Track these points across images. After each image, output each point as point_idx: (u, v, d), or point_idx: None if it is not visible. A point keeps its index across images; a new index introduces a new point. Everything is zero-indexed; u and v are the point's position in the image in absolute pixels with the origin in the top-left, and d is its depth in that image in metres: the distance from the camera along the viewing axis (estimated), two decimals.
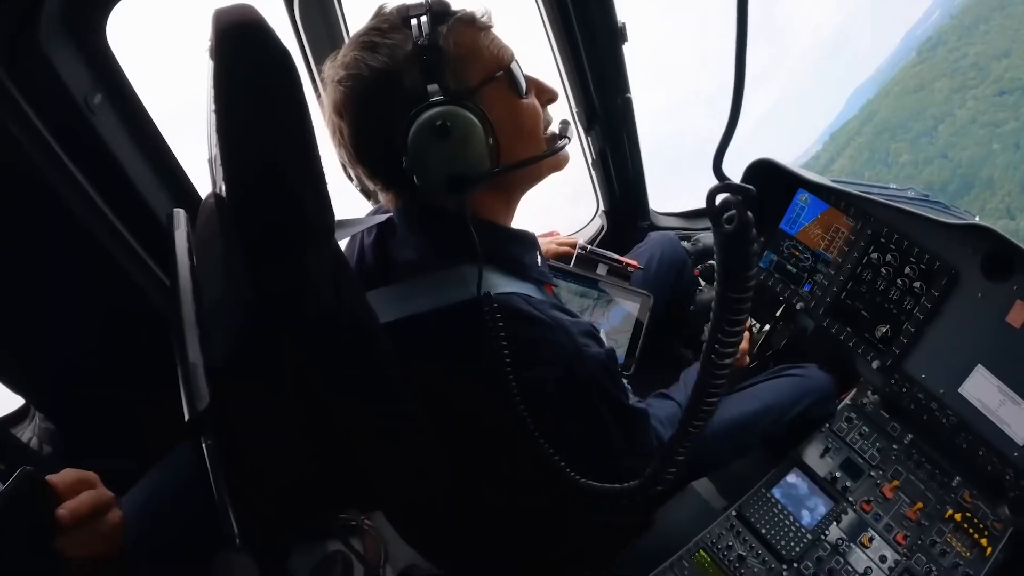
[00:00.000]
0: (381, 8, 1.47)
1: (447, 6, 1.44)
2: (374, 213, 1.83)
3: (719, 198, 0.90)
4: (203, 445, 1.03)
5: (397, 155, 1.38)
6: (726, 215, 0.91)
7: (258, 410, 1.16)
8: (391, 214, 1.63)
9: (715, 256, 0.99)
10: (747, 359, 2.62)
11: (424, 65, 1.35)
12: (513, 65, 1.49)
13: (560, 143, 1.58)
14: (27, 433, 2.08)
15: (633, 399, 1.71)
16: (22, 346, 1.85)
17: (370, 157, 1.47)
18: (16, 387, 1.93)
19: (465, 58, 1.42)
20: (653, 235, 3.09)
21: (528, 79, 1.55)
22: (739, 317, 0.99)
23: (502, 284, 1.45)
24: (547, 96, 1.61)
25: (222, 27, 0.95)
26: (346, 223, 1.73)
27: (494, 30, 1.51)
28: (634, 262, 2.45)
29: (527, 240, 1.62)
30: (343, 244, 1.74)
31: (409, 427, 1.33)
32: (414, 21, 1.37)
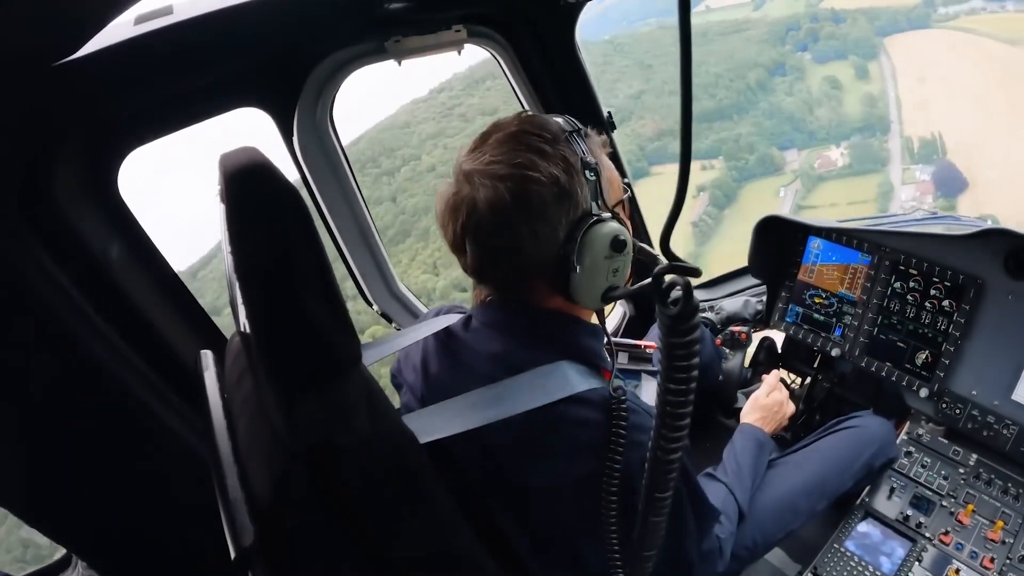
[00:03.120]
0: (531, 116, 1.54)
1: (586, 127, 1.57)
2: (426, 319, 1.85)
3: (666, 279, 1.00)
4: None
5: (556, 261, 1.45)
6: (671, 297, 1.02)
7: (305, 542, 1.15)
8: (447, 321, 1.69)
9: (659, 337, 1.09)
10: (790, 412, 2.54)
11: (589, 182, 1.46)
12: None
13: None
14: None
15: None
16: (59, 497, 1.86)
17: (523, 257, 1.48)
18: (56, 537, 1.95)
19: (610, 179, 1.55)
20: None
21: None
22: (683, 399, 1.11)
23: (582, 379, 1.49)
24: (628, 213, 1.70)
25: (229, 171, 0.98)
26: (397, 336, 1.76)
27: None
28: (652, 343, 2.50)
29: (598, 332, 1.66)
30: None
31: (460, 549, 1.33)
32: (574, 138, 1.48)
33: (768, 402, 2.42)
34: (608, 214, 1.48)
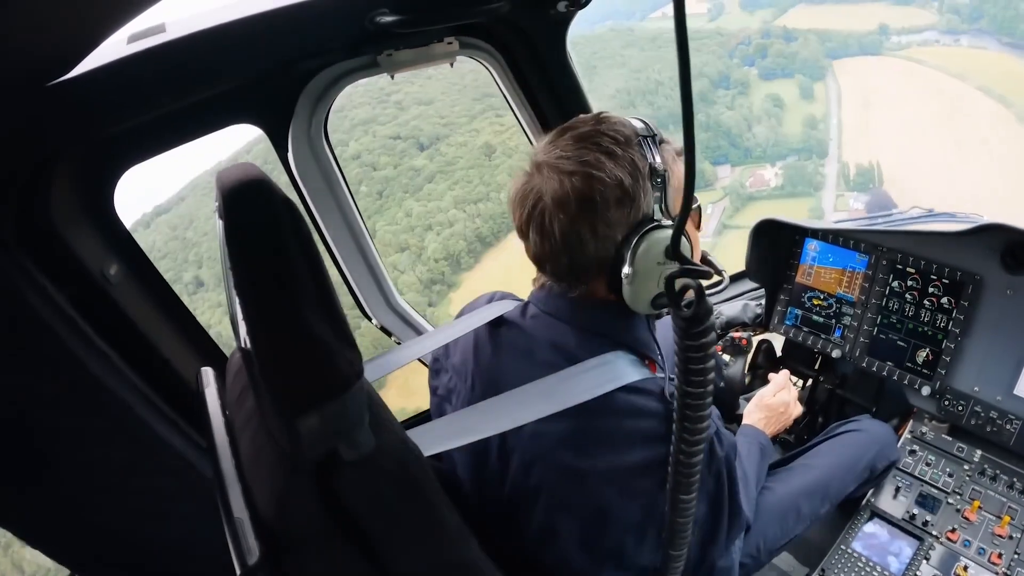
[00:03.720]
0: (609, 116, 1.56)
1: (661, 134, 1.57)
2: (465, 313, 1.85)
3: (678, 283, 1.03)
4: None
5: (612, 261, 1.48)
6: (684, 301, 1.04)
7: (311, 560, 1.15)
8: (500, 308, 1.71)
9: (675, 341, 1.12)
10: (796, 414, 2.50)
11: (655, 187, 1.47)
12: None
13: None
14: None
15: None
16: (61, 517, 1.86)
17: (581, 253, 1.50)
18: (59, 557, 1.94)
19: (678, 188, 1.54)
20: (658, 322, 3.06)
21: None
22: (701, 402, 1.15)
23: (636, 369, 1.52)
24: (697, 224, 1.72)
25: (227, 187, 0.99)
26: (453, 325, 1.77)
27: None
28: None
29: (649, 323, 1.68)
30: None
31: (468, 559, 1.33)
32: (647, 144, 1.49)
33: (774, 402, 2.40)
34: (668, 221, 1.48)
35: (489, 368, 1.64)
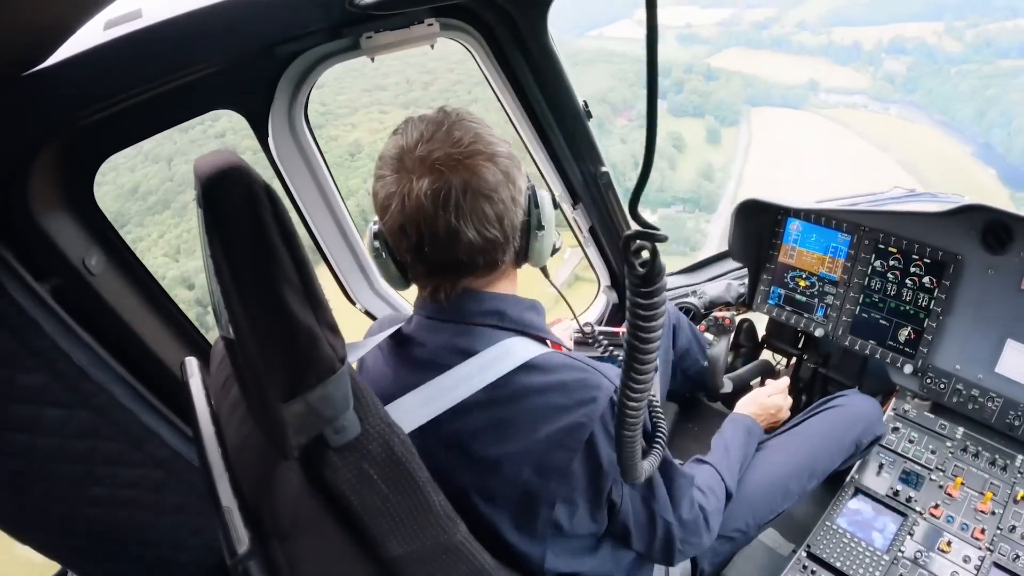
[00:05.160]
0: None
1: None
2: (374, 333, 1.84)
3: (636, 243, 1.07)
4: None
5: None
6: (640, 260, 1.08)
7: (301, 545, 1.16)
8: (391, 326, 1.72)
9: (628, 298, 1.17)
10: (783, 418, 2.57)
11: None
12: None
13: None
14: None
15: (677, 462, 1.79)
16: (49, 511, 1.85)
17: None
18: (48, 552, 1.93)
19: None
20: None
21: None
22: (648, 347, 1.20)
23: (533, 347, 1.55)
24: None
25: (205, 175, 0.98)
26: (360, 344, 1.74)
27: None
28: None
29: (538, 307, 1.71)
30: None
31: (456, 542, 1.33)
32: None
33: (768, 402, 2.44)
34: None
35: (398, 384, 1.60)
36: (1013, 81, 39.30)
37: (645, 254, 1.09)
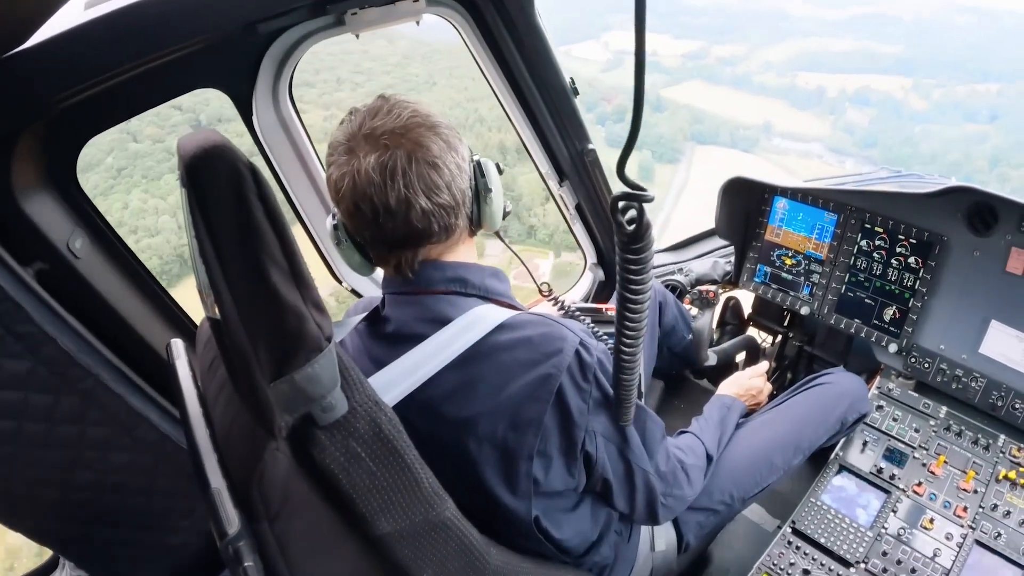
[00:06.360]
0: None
1: None
2: (352, 314, 1.89)
3: (621, 204, 1.18)
4: (241, 568, 1.04)
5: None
6: (627, 217, 1.18)
7: (292, 526, 1.15)
8: (365, 307, 1.80)
9: (616, 257, 1.28)
10: (763, 400, 2.60)
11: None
12: None
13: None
14: None
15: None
16: (38, 497, 1.84)
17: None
18: (38, 538, 1.93)
19: None
20: None
21: None
22: (640, 297, 1.37)
23: (503, 311, 1.60)
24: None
25: (188, 155, 0.98)
26: (338, 324, 1.77)
27: None
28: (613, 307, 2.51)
29: (500, 275, 1.76)
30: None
31: (445, 518, 1.35)
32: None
33: (749, 383, 2.48)
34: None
35: (378, 362, 1.62)
36: (978, 148, 36.87)
37: (632, 213, 1.19)
